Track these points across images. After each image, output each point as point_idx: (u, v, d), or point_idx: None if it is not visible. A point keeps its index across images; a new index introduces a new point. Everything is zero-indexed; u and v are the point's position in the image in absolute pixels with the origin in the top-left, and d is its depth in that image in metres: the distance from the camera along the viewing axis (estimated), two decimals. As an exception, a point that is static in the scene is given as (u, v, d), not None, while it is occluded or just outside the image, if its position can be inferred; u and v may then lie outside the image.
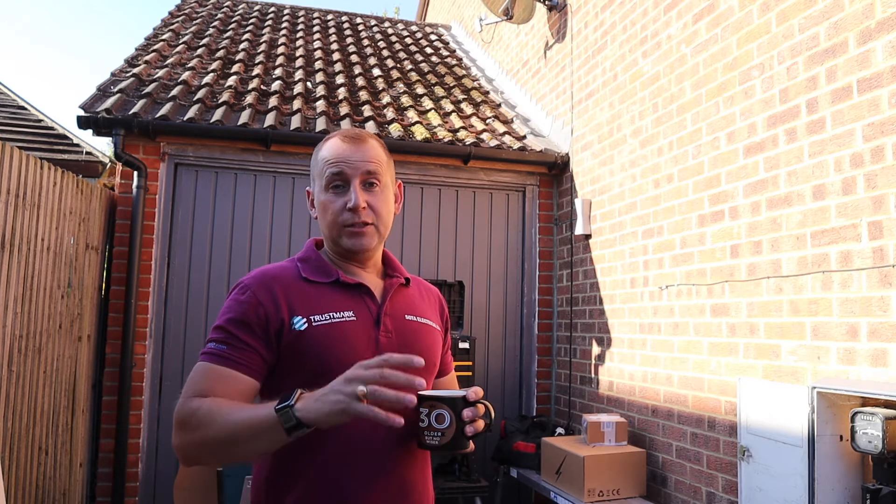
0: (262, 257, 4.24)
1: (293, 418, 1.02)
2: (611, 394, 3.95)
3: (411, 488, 1.26)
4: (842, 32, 2.48)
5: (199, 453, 1.16)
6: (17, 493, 2.86)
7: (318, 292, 1.28)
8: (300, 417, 1.02)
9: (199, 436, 1.12)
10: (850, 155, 2.41)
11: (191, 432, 1.13)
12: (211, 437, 1.11)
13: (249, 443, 1.09)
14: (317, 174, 1.34)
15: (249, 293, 1.25)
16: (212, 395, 1.16)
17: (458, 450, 1.14)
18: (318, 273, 1.32)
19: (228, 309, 1.25)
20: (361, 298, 1.31)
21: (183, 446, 1.15)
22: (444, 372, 1.50)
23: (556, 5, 4.92)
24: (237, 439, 1.09)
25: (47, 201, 3.17)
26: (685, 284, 3.31)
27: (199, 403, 1.14)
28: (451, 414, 1.13)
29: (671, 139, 3.48)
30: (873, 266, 2.30)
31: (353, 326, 1.26)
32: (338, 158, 1.31)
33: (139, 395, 3.94)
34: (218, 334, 1.22)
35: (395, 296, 1.36)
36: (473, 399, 1.15)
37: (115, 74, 4.66)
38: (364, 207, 1.29)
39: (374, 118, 4.67)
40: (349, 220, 1.29)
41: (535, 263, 4.78)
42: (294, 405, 1.03)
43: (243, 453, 1.14)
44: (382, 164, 1.34)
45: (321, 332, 1.22)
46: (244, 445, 1.10)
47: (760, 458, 2.58)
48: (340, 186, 1.30)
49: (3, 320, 2.70)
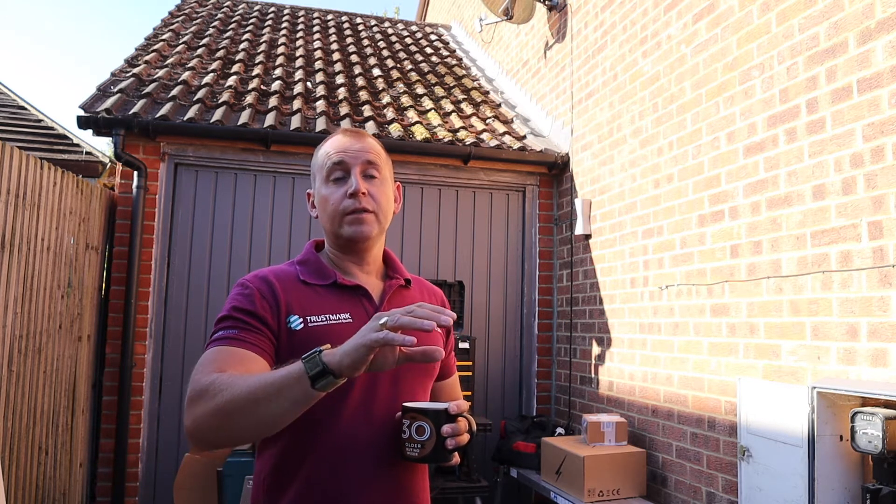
0: (262, 257, 4.24)
1: (319, 363, 1.00)
2: (611, 394, 3.95)
3: (407, 490, 1.26)
4: (842, 32, 2.48)
5: (216, 423, 1.06)
6: (17, 493, 2.86)
7: (316, 294, 1.29)
8: (326, 362, 1.00)
9: (217, 402, 1.05)
10: (850, 155, 2.41)
11: (209, 400, 1.05)
12: (230, 400, 1.04)
13: (272, 401, 1.02)
14: (318, 168, 1.36)
15: (252, 287, 1.26)
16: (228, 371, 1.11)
17: (438, 462, 1.15)
18: (316, 276, 1.32)
19: (233, 300, 1.24)
20: (359, 300, 1.31)
21: (198, 420, 1.07)
22: (445, 375, 1.49)
23: (556, 5, 4.92)
24: (258, 398, 1.02)
25: (47, 201, 3.17)
26: (685, 284, 3.31)
27: (217, 374, 1.09)
28: (431, 426, 1.14)
29: (671, 139, 3.48)
30: (873, 266, 2.30)
31: (349, 329, 1.23)
32: (338, 149, 1.33)
33: (139, 395, 3.94)
34: (225, 322, 1.20)
35: (394, 298, 1.36)
36: (455, 412, 1.16)
37: (115, 74, 4.66)
38: (364, 193, 1.30)
39: (374, 118, 4.67)
40: (350, 206, 1.29)
41: (535, 263, 4.78)
42: (322, 350, 1.02)
43: (266, 415, 1.04)
44: (382, 158, 1.37)
45: (316, 333, 1.22)
46: (266, 405, 1.02)
47: (760, 458, 2.58)
48: (341, 178, 1.32)
49: (3, 320, 2.70)
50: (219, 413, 1.05)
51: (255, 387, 1.03)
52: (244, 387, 1.03)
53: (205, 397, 1.06)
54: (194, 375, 1.11)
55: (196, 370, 1.13)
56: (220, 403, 1.04)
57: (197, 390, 1.08)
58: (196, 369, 1.13)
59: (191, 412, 1.08)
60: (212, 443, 1.12)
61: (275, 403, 1.02)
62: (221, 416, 1.05)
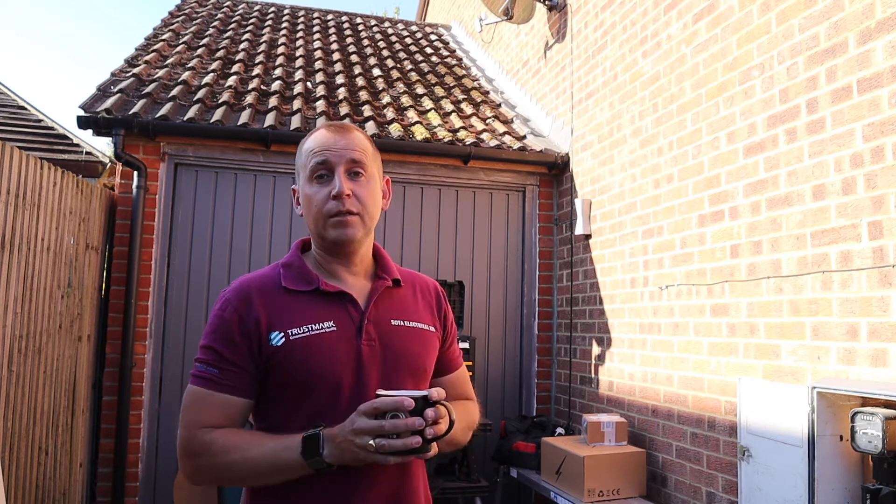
0: (262, 257, 4.24)
1: (323, 464, 1.12)
2: (611, 394, 3.95)
3: (407, 490, 1.26)
4: (842, 32, 2.48)
5: (212, 481, 1.23)
6: (17, 493, 2.86)
7: (298, 303, 1.25)
8: (328, 463, 1.12)
9: (215, 469, 1.18)
10: (850, 155, 2.41)
11: (204, 464, 1.18)
12: (229, 474, 1.19)
13: (273, 477, 1.16)
14: (301, 166, 1.31)
15: (231, 309, 1.24)
16: (213, 424, 1.19)
17: (416, 454, 1.10)
18: (299, 281, 1.28)
19: (214, 327, 1.24)
20: (343, 307, 1.27)
21: (195, 474, 1.21)
22: (449, 369, 1.44)
23: (556, 5, 4.93)
24: (260, 475, 1.16)
25: (47, 201, 3.17)
26: (685, 284, 3.31)
27: (210, 437, 1.18)
28: (406, 416, 1.08)
29: (671, 139, 3.48)
30: (873, 266, 2.30)
31: (332, 338, 1.23)
32: (322, 147, 1.27)
33: (139, 395, 3.94)
34: (206, 355, 1.23)
35: (381, 300, 1.31)
36: (435, 399, 1.12)
37: (115, 74, 4.66)
38: (349, 195, 1.25)
39: (374, 118, 4.67)
40: (334, 209, 1.25)
41: (535, 263, 4.78)
42: (324, 454, 1.11)
43: (262, 482, 1.20)
44: (368, 155, 1.31)
45: (299, 346, 1.20)
46: (266, 479, 1.17)
47: (760, 458, 2.58)
48: (325, 176, 1.26)
49: (3, 320, 2.70)
50: (218, 479, 1.23)
51: (255, 465, 1.16)
52: (244, 463, 1.16)
53: (199, 460, 1.18)
54: (184, 423, 1.21)
55: (183, 414, 1.22)
56: (221, 466, 1.17)
57: (192, 449, 1.19)
58: (183, 412, 1.22)
59: (190, 463, 1.20)
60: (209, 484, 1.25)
61: (278, 478, 1.17)
62: (221, 476, 1.22)
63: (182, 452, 1.20)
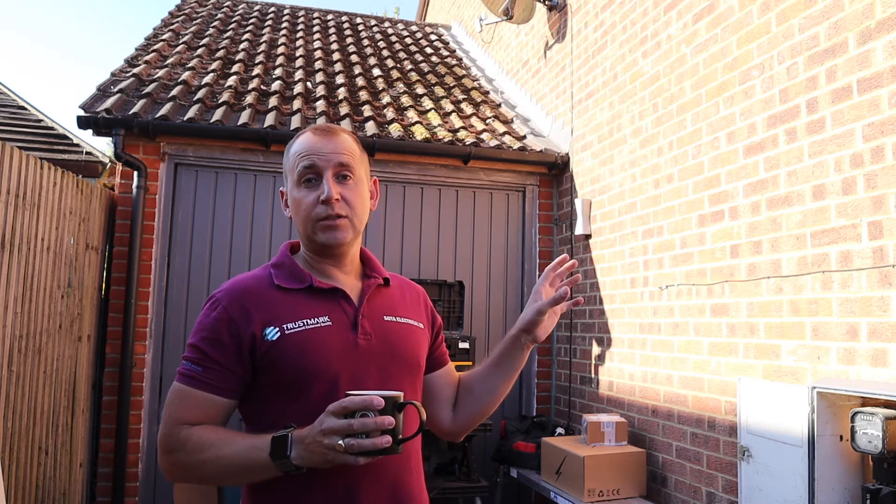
0: (262, 257, 4.24)
1: (291, 466, 1.10)
2: (611, 394, 3.95)
3: (405, 490, 1.26)
4: (842, 32, 2.48)
5: (186, 479, 1.24)
6: (17, 493, 2.86)
7: (292, 299, 1.26)
8: (297, 465, 1.10)
9: (189, 467, 1.18)
10: (850, 155, 2.41)
11: (179, 460, 1.18)
12: (202, 471, 1.18)
13: (242, 477, 1.18)
14: (289, 169, 1.31)
15: (221, 308, 1.24)
16: (193, 421, 1.19)
17: (385, 454, 1.08)
18: (292, 279, 1.29)
19: (201, 326, 1.24)
20: (337, 302, 1.28)
21: (171, 470, 1.21)
22: (439, 364, 1.47)
23: (556, 5, 4.93)
24: (229, 474, 1.17)
25: (47, 201, 3.17)
26: (685, 284, 3.31)
27: (186, 433, 1.18)
28: (374, 416, 1.06)
29: (671, 139, 3.48)
30: (873, 266, 2.30)
31: (328, 332, 1.23)
32: (309, 151, 1.28)
33: (139, 395, 3.94)
34: (192, 353, 1.23)
35: (374, 297, 1.33)
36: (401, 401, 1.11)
37: (115, 74, 4.66)
38: (337, 199, 1.26)
39: (374, 118, 4.67)
40: (322, 213, 1.26)
41: (535, 263, 4.78)
42: (291, 456, 1.09)
43: (234, 484, 1.23)
44: (355, 157, 1.31)
45: (295, 340, 1.21)
46: (236, 479, 1.19)
47: (760, 458, 2.58)
48: (312, 180, 1.27)
49: (3, 320, 2.70)
50: (191, 476, 1.22)
51: (226, 464, 1.15)
52: (216, 462, 1.16)
53: (175, 455, 1.19)
54: (165, 419, 1.22)
55: (165, 410, 1.23)
56: (194, 464, 1.17)
57: (169, 445, 1.20)
58: (165, 408, 1.23)
59: (167, 459, 1.20)
60: (184, 482, 1.27)
61: (246, 478, 1.19)
62: (194, 478, 1.23)
63: (160, 448, 1.21)
